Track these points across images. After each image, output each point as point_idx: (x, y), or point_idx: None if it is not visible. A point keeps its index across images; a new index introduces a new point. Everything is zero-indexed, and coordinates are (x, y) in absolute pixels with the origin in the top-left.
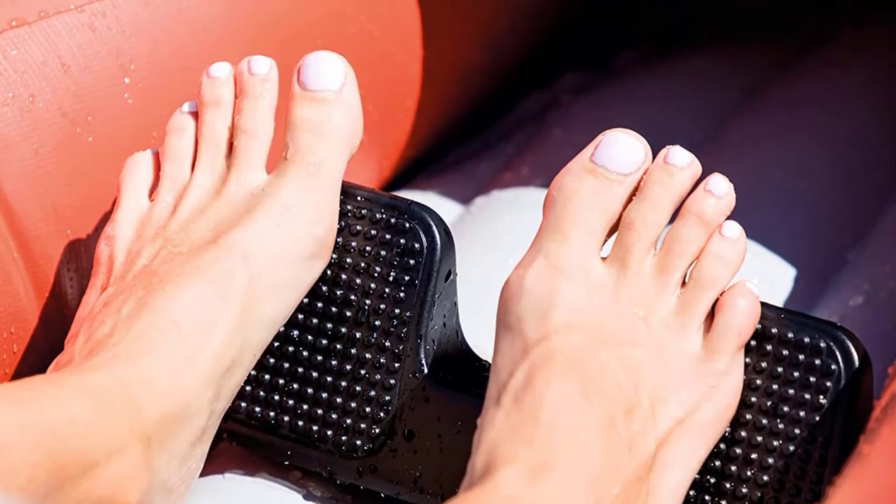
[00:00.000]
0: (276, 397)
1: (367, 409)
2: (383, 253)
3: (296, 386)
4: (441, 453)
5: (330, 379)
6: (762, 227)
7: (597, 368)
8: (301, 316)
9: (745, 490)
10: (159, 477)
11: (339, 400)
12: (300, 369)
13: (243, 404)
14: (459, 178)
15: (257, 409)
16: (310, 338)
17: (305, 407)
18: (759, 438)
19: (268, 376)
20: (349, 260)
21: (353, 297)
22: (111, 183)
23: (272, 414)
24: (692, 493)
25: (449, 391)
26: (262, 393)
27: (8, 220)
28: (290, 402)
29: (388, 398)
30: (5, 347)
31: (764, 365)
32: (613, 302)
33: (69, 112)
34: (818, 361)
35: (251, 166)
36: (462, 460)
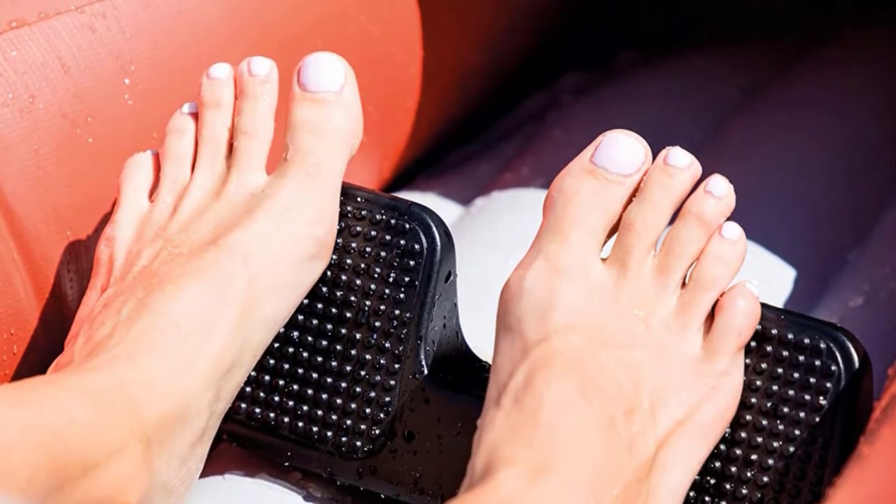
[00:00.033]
0: (276, 398)
1: (367, 411)
2: (383, 254)
3: (296, 387)
4: (441, 454)
5: (330, 380)
6: (762, 227)
7: (597, 369)
8: (301, 317)
9: (744, 491)
10: (159, 478)
11: (339, 401)
12: (300, 370)
13: (243, 405)
14: (459, 179)
15: (257, 410)
16: (310, 339)
17: (305, 408)
18: (759, 439)
19: (268, 377)
20: (349, 261)
21: (353, 298)
22: (111, 184)
23: (272, 415)
24: (692, 494)
25: (449, 392)
26: (262, 394)
27: (8, 221)
28: (290, 403)
29: (388, 399)
30: (5, 348)
31: (764, 366)
32: (613, 303)
33: (69, 113)
34: (818, 362)
35: (251, 167)
36: (462, 461)
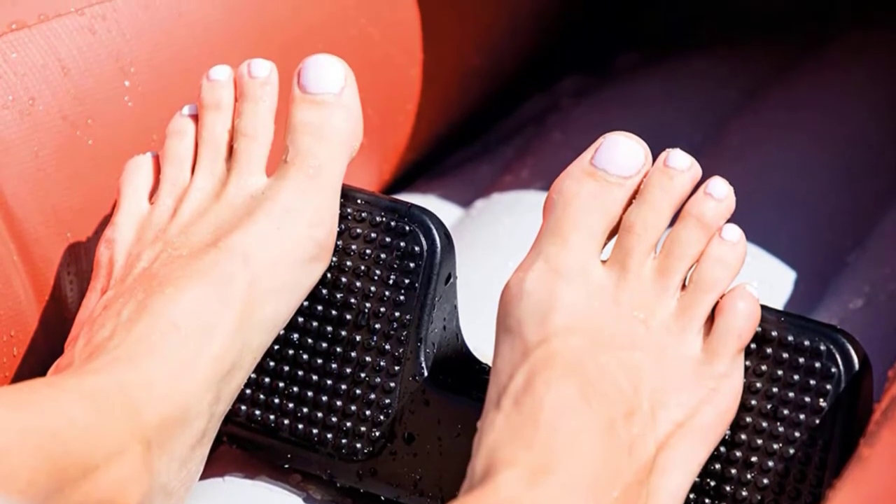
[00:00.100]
0: (276, 400)
1: (367, 412)
2: (383, 256)
3: (296, 389)
4: (441, 456)
5: (330, 382)
6: (762, 229)
7: (597, 371)
8: (301, 319)
9: (744, 493)
10: (159, 480)
11: (339, 403)
12: (300, 372)
13: (243, 407)
14: (459, 182)
15: (257, 412)
16: (310, 341)
17: (305, 410)
18: (759, 441)
19: (268, 379)
20: (349, 263)
21: (352, 300)
22: (111, 186)
23: (272, 417)
24: (692, 496)
25: (449, 394)
26: (262, 396)
27: (8, 223)
28: (290, 405)
29: (388, 401)
30: (5, 350)
31: (764, 368)
32: (613, 305)
33: (69, 115)
34: (818, 364)
35: (251, 169)
36: (462, 463)
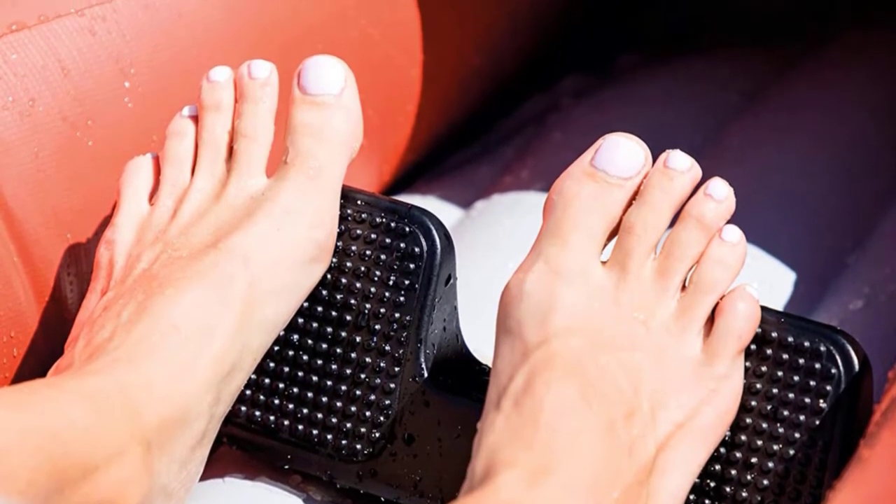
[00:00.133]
0: (276, 401)
1: (367, 413)
2: (383, 257)
3: (296, 390)
4: (441, 457)
5: (330, 383)
6: (762, 230)
7: (597, 372)
8: (301, 320)
9: (745, 494)
10: (159, 481)
11: (339, 404)
12: (300, 373)
13: (243, 408)
14: (459, 182)
15: (257, 413)
16: (310, 342)
17: (305, 411)
18: (759, 442)
19: (268, 380)
20: (349, 264)
21: (353, 300)
22: (111, 187)
23: (272, 418)
24: (692, 496)
25: (449, 395)
26: (262, 397)
27: (8, 224)
28: (290, 405)
29: (388, 402)
30: (5, 351)
31: (764, 369)
32: (613, 306)
33: (69, 116)
34: (818, 365)
35: (251, 170)
36: (462, 464)
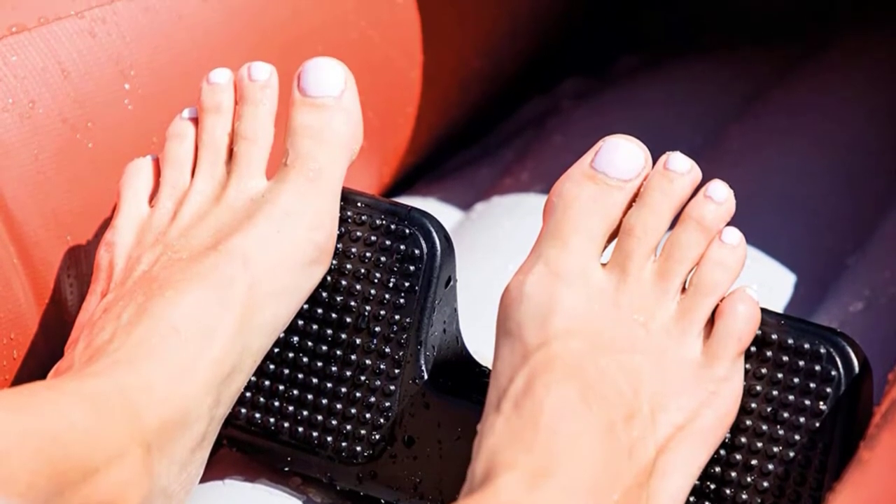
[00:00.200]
0: (276, 403)
1: (367, 415)
2: (383, 259)
3: (296, 392)
4: (441, 459)
5: (330, 385)
6: (762, 232)
7: (597, 374)
8: (301, 322)
9: (745, 496)
10: (159, 483)
11: (339, 406)
12: (300, 375)
13: (243, 410)
14: (459, 184)
15: (257, 415)
16: (310, 344)
17: (305, 413)
18: (759, 444)
19: (268, 382)
20: (349, 266)
21: (353, 302)
22: (111, 189)
23: (272, 420)
24: (692, 499)
25: (449, 397)
26: (262, 399)
27: (8, 225)
28: (290, 407)
29: (388, 404)
30: (5, 353)
31: (764, 371)
32: (613, 308)
33: (69, 118)
34: (818, 367)
35: (251, 172)
36: (462, 466)
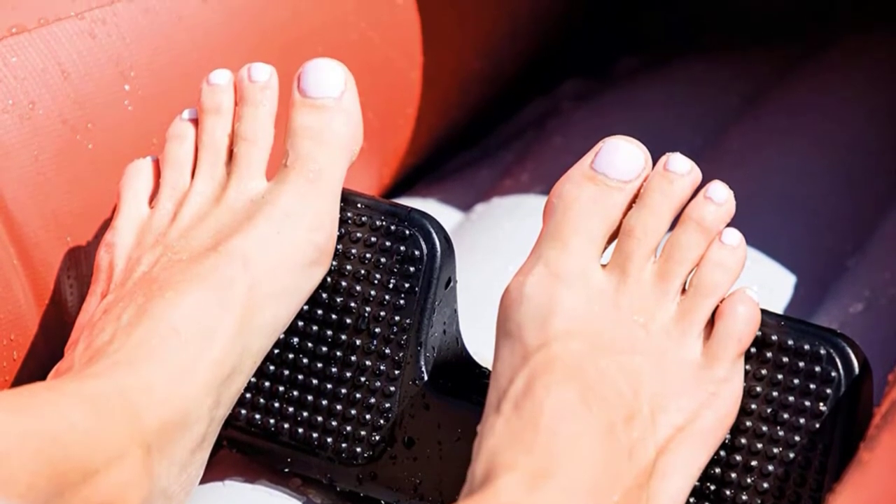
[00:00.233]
0: (276, 404)
1: (367, 417)
2: (383, 260)
3: (296, 393)
4: (441, 460)
5: (330, 386)
6: (762, 233)
7: (597, 375)
8: (301, 323)
9: (745, 497)
10: (159, 484)
11: (339, 407)
12: (300, 376)
13: (243, 411)
14: (459, 186)
15: (257, 417)
16: (310, 345)
17: (305, 414)
18: (759, 445)
19: (268, 383)
20: (349, 267)
21: (353, 304)
22: (111, 190)
23: (272, 421)
24: (692, 500)
25: (449, 398)
26: (262, 400)
27: (8, 227)
28: (290, 409)
29: (388, 405)
30: (5, 354)
31: (764, 372)
32: (613, 309)
33: (69, 119)
34: (818, 368)
35: (251, 173)
36: (462, 467)
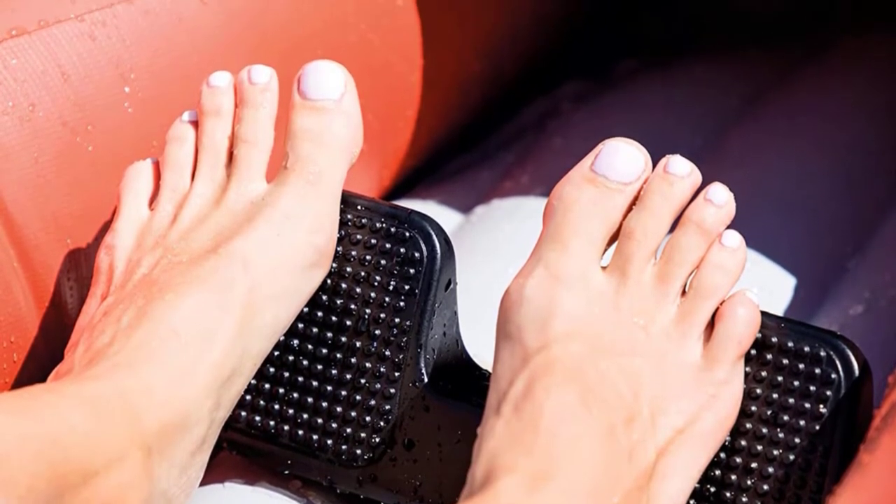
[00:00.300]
0: (276, 406)
1: (367, 419)
2: (383, 262)
3: (296, 395)
4: (441, 462)
5: (330, 388)
6: (762, 235)
7: (597, 377)
8: (301, 325)
9: (744, 499)
10: (159, 486)
11: (339, 409)
12: (300, 378)
13: (243, 413)
14: (459, 187)
15: (257, 419)
16: (310, 347)
17: (305, 416)
18: (759, 447)
19: (268, 385)
20: (349, 269)
21: (352, 306)
22: (111, 192)
23: (272, 423)
24: (692, 502)
25: (449, 400)
26: (262, 402)
27: (8, 229)
28: (290, 411)
29: (388, 407)
30: (5, 356)
31: (764, 374)
32: (613, 311)
33: (69, 121)
34: (818, 370)
35: (251, 175)
36: (462, 469)
